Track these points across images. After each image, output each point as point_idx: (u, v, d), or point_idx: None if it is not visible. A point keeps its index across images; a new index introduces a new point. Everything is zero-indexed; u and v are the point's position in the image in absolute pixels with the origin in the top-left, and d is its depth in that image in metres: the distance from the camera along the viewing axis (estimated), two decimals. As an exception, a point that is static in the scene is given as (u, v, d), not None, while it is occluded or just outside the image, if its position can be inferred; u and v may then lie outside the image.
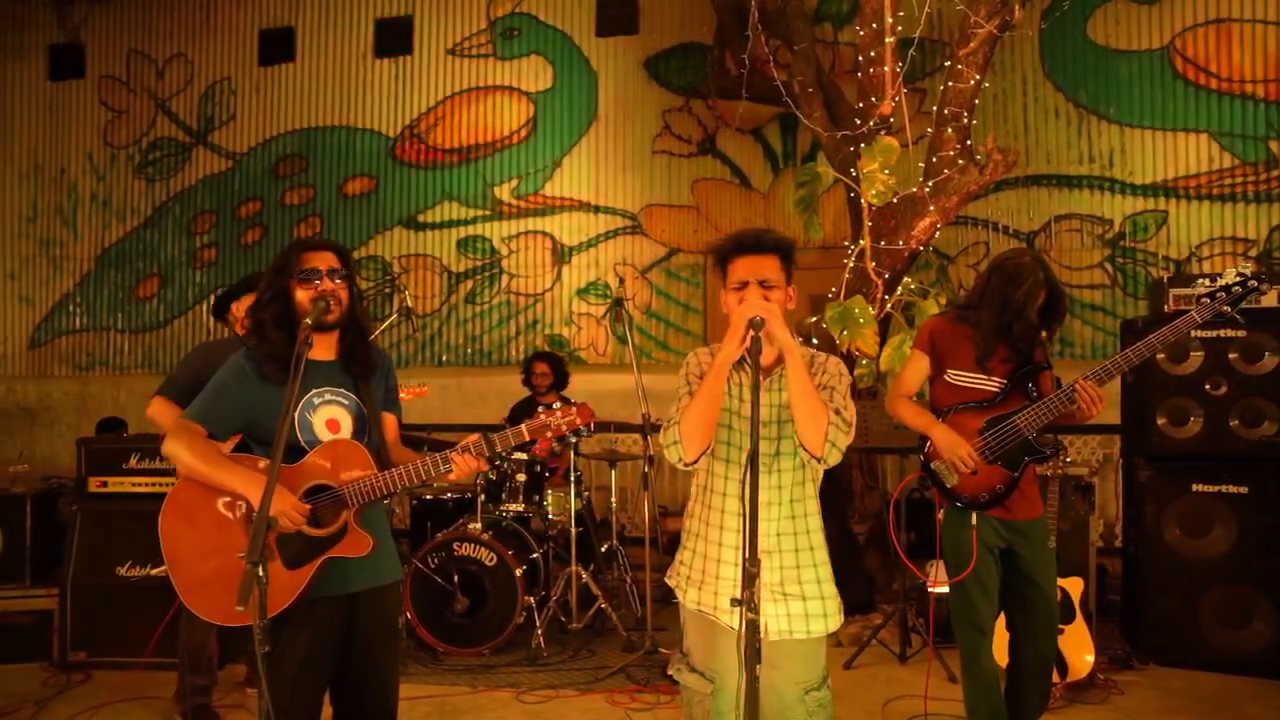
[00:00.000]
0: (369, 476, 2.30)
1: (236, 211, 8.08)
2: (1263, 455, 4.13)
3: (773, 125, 7.16)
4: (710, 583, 2.23)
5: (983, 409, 3.06)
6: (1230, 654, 4.09)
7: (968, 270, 6.71)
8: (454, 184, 7.69)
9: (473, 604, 4.38)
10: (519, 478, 4.71)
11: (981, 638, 3.11)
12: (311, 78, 7.99)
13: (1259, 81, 6.41)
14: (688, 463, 2.16)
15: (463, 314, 7.65)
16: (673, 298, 7.36)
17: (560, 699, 3.89)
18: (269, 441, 2.33)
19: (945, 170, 4.94)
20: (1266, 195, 6.41)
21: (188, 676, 3.57)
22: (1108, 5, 6.60)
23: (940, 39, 6.54)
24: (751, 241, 2.19)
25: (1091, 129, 6.62)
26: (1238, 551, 4.12)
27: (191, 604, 2.26)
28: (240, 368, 2.39)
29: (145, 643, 4.09)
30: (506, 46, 7.65)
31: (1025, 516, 3.06)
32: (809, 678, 2.19)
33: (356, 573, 2.35)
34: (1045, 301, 3.03)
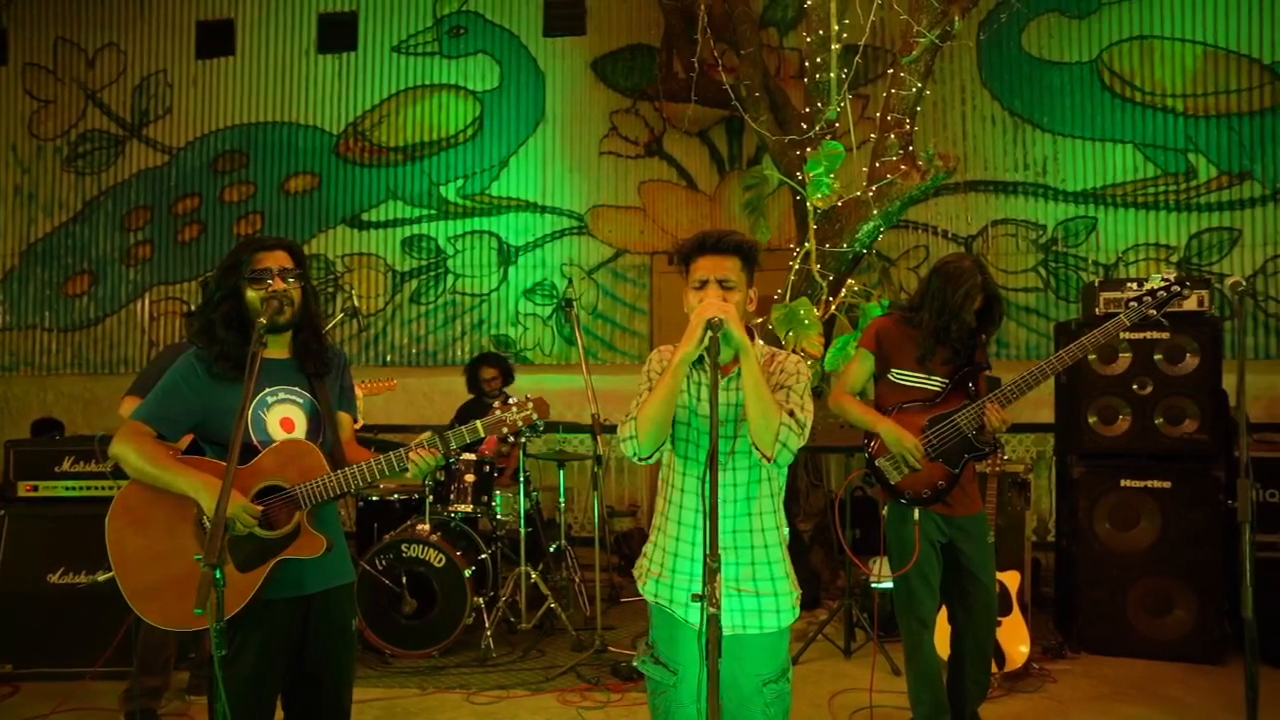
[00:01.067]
0: (322, 477, 2.28)
1: (173, 208, 7.85)
2: (1185, 452, 4.34)
3: (719, 128, 7.23)
4: (668, 576, 2.26)
5: (925, 408, 3.15)
6: (1155, 641, 4.28)
7: (909, 273, 6.88)
8: (399, 183, 7.59)
9: (421, 605, 4.35)
10: (467, 478, 4.69)
11: (924, 630, 3.21)
12: (252, 72, 7.82)
13: (1178, 96, 6.69)
14: (643, 458, 2.18)
15: (407, 314, 7.56)
16: (619, 298, 7.38)
17: (511, 699, 3.88)
18: (221, 442, 2.30)
19: (888, 175, 5.06)
20: (1186, 205, 6.69)
21: (141, 678, 3.49)
22: (1041, 18, 6.83)
23: (883, 46, 6.69)
24: (714, 241, 2.22)
25: (1026, 137, 6.84)
26: (1162, 544, 4.32)
27: (140, 610, 2.21)
28: (191, 367, 2.34)
29: (78, 652, 3.99)
30: (453, 45, 7.59)
31: (966, 512, 3.16)
32: (767, 670, 2.23)
33: (310, 574, 2.33)
34: (983, 305, 3.15)
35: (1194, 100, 6.67)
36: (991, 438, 3.13)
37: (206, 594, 1.75)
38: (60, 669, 3.99)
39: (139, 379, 3.48)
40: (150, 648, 3.51)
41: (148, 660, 3.51)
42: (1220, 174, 6.65)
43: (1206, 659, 4.17)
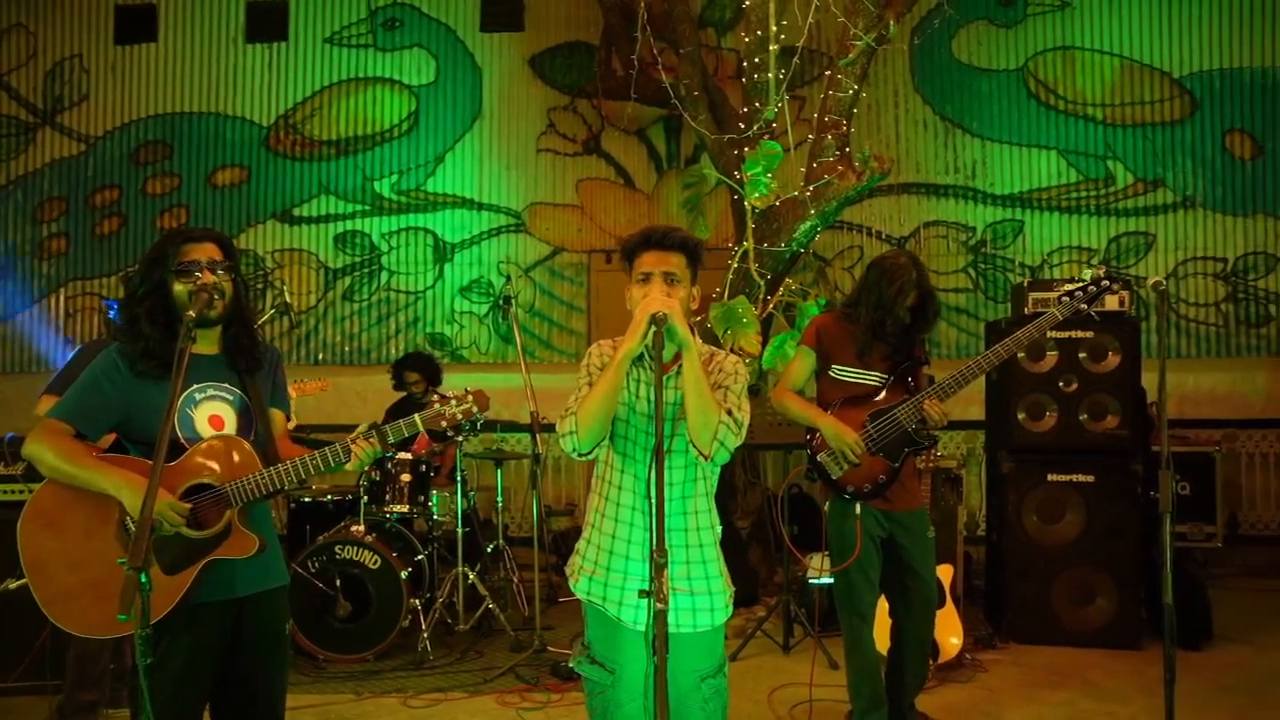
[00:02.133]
0: (254, 473, 2.20)
1: (90, 199, 7.53)
2: (1107, 447, 4.50)
3: (657, 127, 7.24)
4: (601, 574, 2.24)
5: (865, 403, 3.20)
6: (1079, 629, 4.43)
7: (844, 273, 6.99)
8: (331, 177, 7.41)
9: (356, 609, 4.25)
10: (403, 478, 4.60)
11: (863, 623, 3.26)
12: (176, 60, 7.53)
13: (1098, 105, 6.95)
14: (582, 453, 2.16)
15: (340, 311, 7.39)
16: (557, 296, 7.34)
17: (449, 701, 3.82)
18: (145, 441, 2.21)
19: (824, 175, 5.13)
20: (1106, 209, 6.96)
21: (75, 692, 3.33)
22: (970, 26, 7.01)
23: (820, 49, 6.79)
24: (659, 237, 2.21)
25: (956, 141, 7.02)
26: (1085, 536, 4.47)
27: (56, 617, 2.10)
28: (113, 363, 2.24)
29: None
30: (388, 38, 7.44)
31: (905, 508, 3.22)
32: (704, 667, 2.22)
33: (242, 576, 2.24)
34: (917, 301, 3.21)
35: (1112, 110, 6.94)
36: (930, 432, 3.19)
37: (131, 598, 1.67)
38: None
39: (58, 377, 3.34)
40: (85, 659, 3.34)
41: (83, 672, 3.34)
42: (1136, 180, 6.93)
43: (1125, 645, 4.33)
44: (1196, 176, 6.87)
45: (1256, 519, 6.74)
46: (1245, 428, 6.77)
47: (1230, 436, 6.65)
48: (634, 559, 2.20)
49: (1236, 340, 6.86)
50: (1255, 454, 6.77)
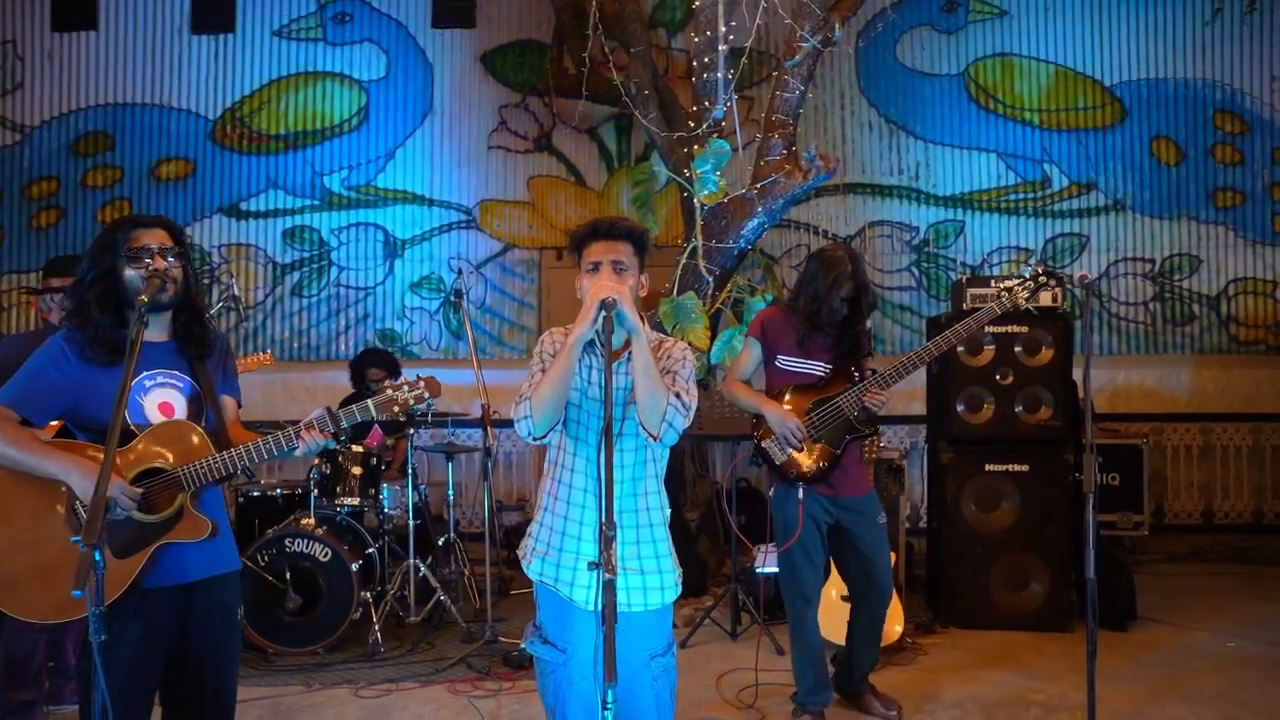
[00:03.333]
0: (206, 458, 2.22)
1: (26, 190, 7.34)
2: (1042, 437, 4.68)
3: (608, 125, 7.31)
4: (554, 555, 2.30)
5: (809, 392, 3.31)
6: (1014, 613, 4.60)
7: (791, 271, 7.13)
8: (280, 172, 7.34)
9: (306, 602, 4.23)
10: (354, 471, 4.59)
11: (807, 606, 3.37)
12: (117, 49, 7.38)
13: (1035, 110, 7.20)
14: (537, 437, 2.21)
15: (289, 307, 7.31)
16: (508, 293, 7.36)
17: (401, 691, 3.84)
18: (94, 428, 2.21)
19: (772, 174, 5.25)
20: (1042, 211, 7.21)
21: (7, 692, 3.27)
22: (914, 31, 7.21)
23: (768, 51, 6.92)
24: (607, 227, 2.29)
25: (900, 143, 7.21)
26: (1020, 523, 4.64)
27: (3, 605, 2.09)
28: (60, 349, 2.23)
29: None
30: (338, 32, 7.39)
31: (851, 493, 3.33)
32: (653, 645, 2.29)
33: (193, 562, 2.25)
34: (852, 293, 3.31)
35: (1048, 115, 7.20)
36: (872, 420, 3.29)
37: (85, 575, 1.68)
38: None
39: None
40: (15, 660, 3.28)
41: (14, 673, 3.28)
42: (1071, 184, 7.19)
43: (1056, 627, 4.51)
44: (1126, 180, 7.16)
45: (1180, 508, 7.05)
46: (1171, 421, 7.08)
47: (1157, 430, 6.95)
48: (586, 540, 2.26)
49: (1163, 338, 7.16)
50: (1180, 446, 7.08)
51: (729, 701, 3.76)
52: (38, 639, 3.34)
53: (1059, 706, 3.63)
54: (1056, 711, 3.60)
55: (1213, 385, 7.11)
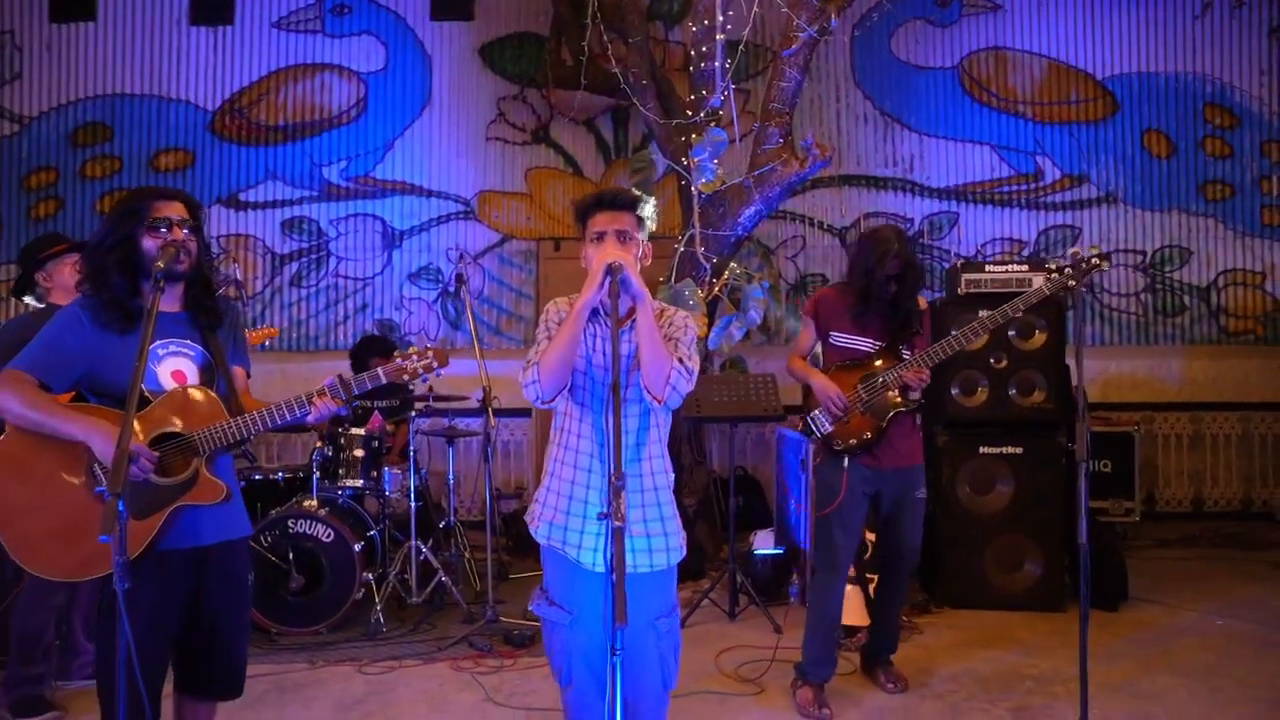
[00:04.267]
0: (220, 423, 2.26)
1: (24, 181, 7.35)
2: (1035, 420, 4.75)
3: (605, 117, 7.35)
4: (561, 518, 2.35)
5: (859, 366, 3.42)
6: (1007, 593, 4.67)
7: (787, 261, 7.20)
8: (279, 163, 7.36)
9: (309, 582, 4.27)
10: (356, 453, 4.64)
11: (833, 572, 3.46)
12: (116, 41, 7.40)
13: (1028, 103, 7.29)
14: (545, 401, 2.27)
15: (287, 297, 7.34)
16: (506, 283, 7.40)
17: (404, 668, 3.89)
18: (109, 393, 2.26)
19: (769, 162, 5.31)
20: (1035, 202, 7.30)
21: (20, 667, 3.31)
22: (908, 24, 7.28)
23: (764, 43, 6.98)
24: (610, 198, 2.35)
25: (895, 135, 7.28)
26: (1014, 505, 4.71)
27: (25, 561, 2.14)
28: (76, 316, 2.28)
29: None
30: (337, 24, 7.42)
31: (894, 465, 3.43)
32: (659, 606, 2.35)
33: (207, 525, 2.31)
34: (900, 270, 3.39)
35: (1041, 108, 7.28)
36: (917, 396, 3.39)
37: (112, 524, 1.73)
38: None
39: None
40: (27, 636, 3.33)
41: (25, 648, 3.34)
42: (1063, 176, 7.28)
43: (1049, 608, 4.58)
44: (1118, 173, 7.24)
45: (1171, 496, 7.14)
46: (1162, 411, 7.17)
47: (1148, 419, 7.04)
48: (592, 503, 2.32)
49: (1154, 329, 7.25)
50: (1170, 435, 7.17)
51: (728, 675, 3.82)
52: (49, 615, 3.39)
53: (1052, 679, 3.70)
54: (1050, 684, 3.66)
55: (1203, 375, 7.21)
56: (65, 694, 3.53)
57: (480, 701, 3.53)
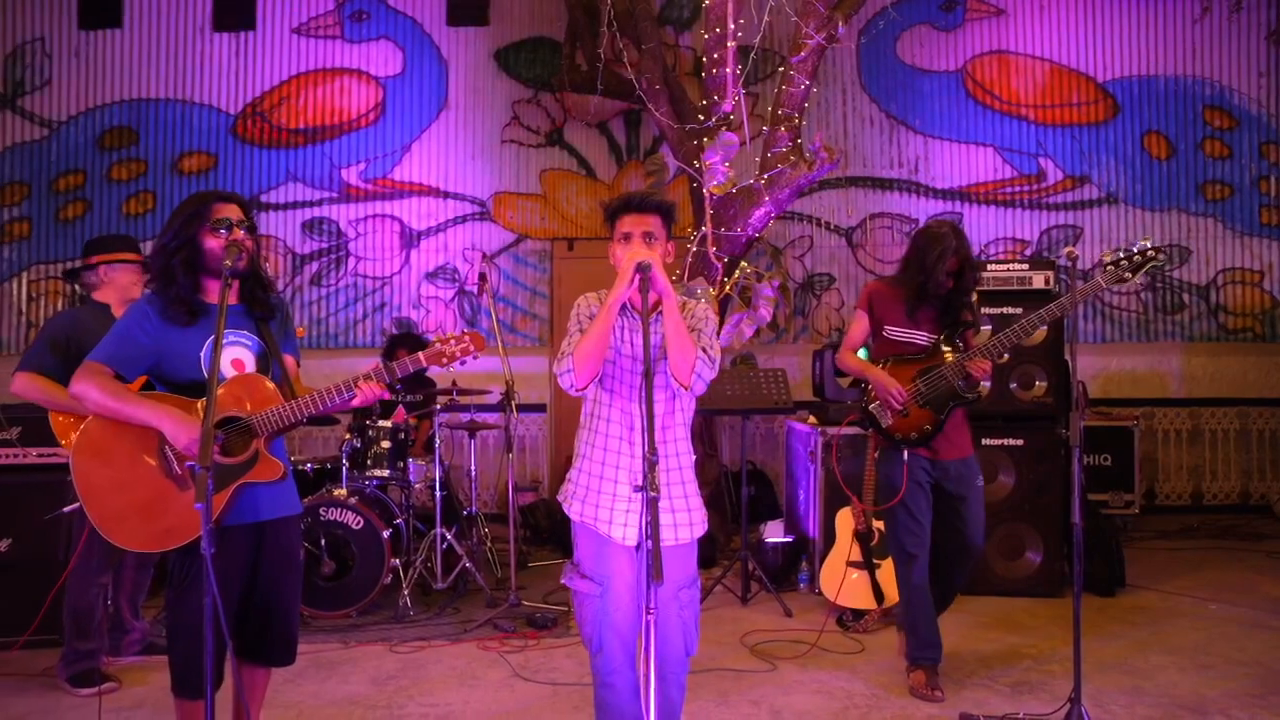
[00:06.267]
0: (276, 406, 2.45)
1: (53, 183, 7.57)
2: (1035, 413, 4.93)
3: (617, 120, 7.54)
4: (593, 498, 2.54)
5: (915, 360, 3.53)
6: (1010, 580, 4.85)
7: (795, 261, 7.38)
8: (299, 165, 7.57)
9: (339, 567, 4.47)
10: (382, 444, 4.83)
11: (911, 560, 3.57)
12: (141, 47, 7.61)
13: (1030, 106, 7.46)
14: (579, 388, 2.46)
15: (308, 296, 7.55)
16: (520, 283, 7.59)
17: (433, 648, 4.08)
18: (175, 382, 2.46)
19: (779, 165, 5.49)
20: (1038, 203, 7.47)
21: (74, 642, 3.52)
22: (913, 29, 7.46)
23: (774, 49, 7.17)
24: (637, 201, 2.54)
25: (901, 138, 7.46)
26: (1015, 495, 4.88)
27: (110, 534, 2.34)
28: (144, 312, 2.48)
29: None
30: (355, 29, 7.63)
31: (949, 457, 3.55)
32: (681, 577, 2.55)
33: (265, 503, 2.50)
34: (956, 267, 3.49)
35: (1043, 110, 7.45)
36: (976, 388, 3.50)
37: (204, 491, 1.92)
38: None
39: (30, 351, 3.46)
40: (79, 613, 3.54)
41: (79, 625, 3.55)
42: (1065, 177, 7.45)
43: (1049, 594, 4.76)
44: (1119, 174, 7.41)
45: (1170, 490, 7.31)
46: (1161, 406, 7.33)
47: (1148, 415, 7.21)
48: (621, 483, 2.51)
49: (1154, 326, 7.42)
50: (1170, 430, 7.34)
51: (743, 654, 4.00)
52: (98, 593, 3.59)
53: (1050, 659, 3.88)
54: (1048, 663, 3.85)
55: (1202, 371, 7.38)
56: (116, 668, 3.75)
57: (508, 677, 3.72)
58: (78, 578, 3.53)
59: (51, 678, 3.63)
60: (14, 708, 3.45)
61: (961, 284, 3.51)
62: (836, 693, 3.57)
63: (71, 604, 3.55)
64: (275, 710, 3.33)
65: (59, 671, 3.59)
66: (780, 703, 3.47)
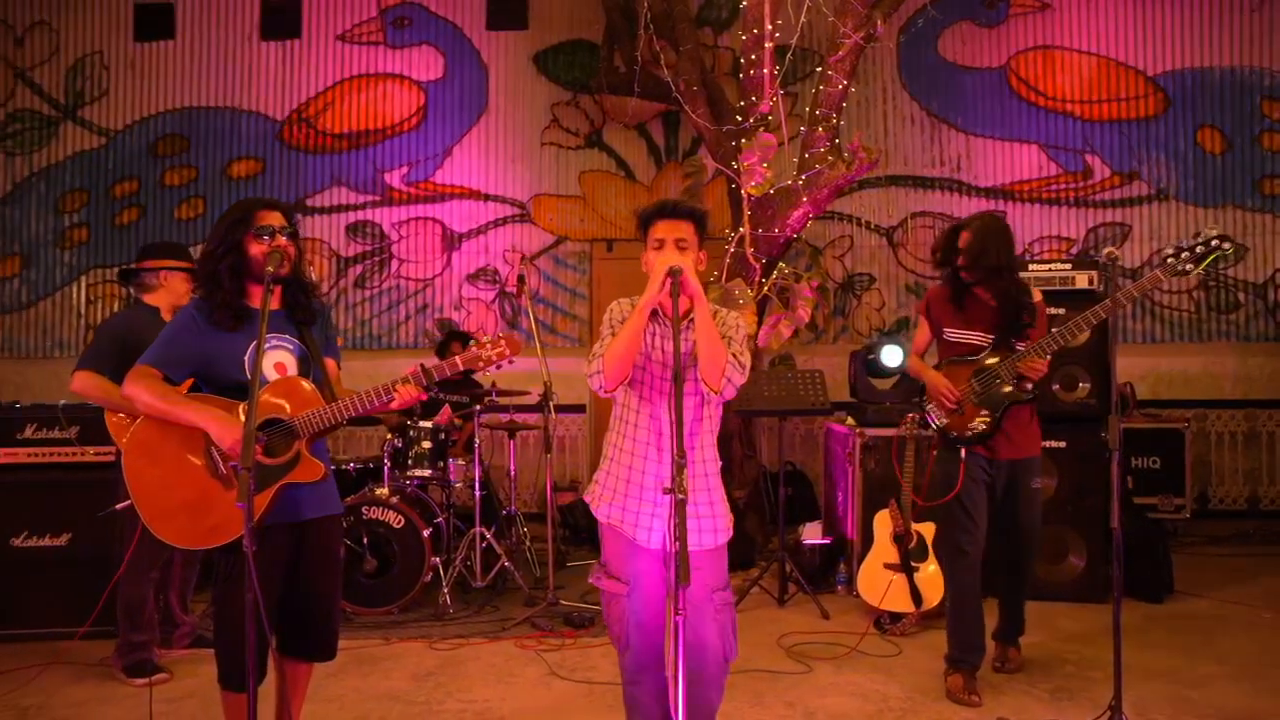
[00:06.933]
0: (318, 408, 2.52)
1: (110, 190, 7.82)
2: (1079, 414, 4.84)
3: (656, 122, 7.57)
4: (619, 500, 2.56)
5: (971, 361, 3.57)
6: (1051, 584, 4.76)
7: (834, 261, 7.33)
8: (343, 169, 7.72)
9: (381, 565, 4.56)
10: (424, 445, 4.91)
11: (960, 556, 3.60)
12: (193, 57, 7.83)
13: (1076, 102, 7.32)
14: (608, 390, 2.49)
15: (352, 298, 7.69)
16: (560, 284, 7.65)
17: (471, 645, 4.14)
18: (221, 384, 2.53)
19: (816, 165, 5.47)
20: (1084, 200, 7.33)
21: (127, 634, 3.66)
22: (955, 26, 7.37)
23: (811, 48, 7.13)
24: (671, 208, 2.56)
25: (942, 136, 7.38)
26: (1058, 497, 4.80)
27: (159, 531, 2.42)
28: (191, 317, 2.56)
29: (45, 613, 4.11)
30: (398, 35, 7.75)
31: (1007, 456, 3.57)
32: (714, 581, 2.56)
33: (306, 502, 2.56)
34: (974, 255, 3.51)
35: (1090, 106, 7.31)
36: (1031, 387, 3.52)
37: (246, 491, 1.99)
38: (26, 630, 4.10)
39: (89, 352, 3.59)
40: (132, 606, 3.68)
41: (131, 618, 3.69)
42: (1113, 174, 7.29)
43: (1092, 599, 4.67)
44: (1169, 170, 7.24)
45: (1225, 494, 7.12)
46: (1215, 408, 7.15)
47: (1201, 416, 7.03)
48: (648, 486, 2.53)
49: (1208, 326, 7.23)
50: (1225, 433, 7.14)
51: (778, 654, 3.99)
52: (149, 587, 3.71)
53: (1092, 665, 3.81)
54: (1089, 669, 3.78)
55: (1258, 372, 7.17)
56: (168, 659, 3.87)
57: (544, 675, 3.77)
58: (130, 573, 3.66)
59: (108, 667, 3.77)
60: (74, 694, 3.60)
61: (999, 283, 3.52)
62: (872, 695, 3.55)
63: (125, 598, 3.68)
64: (318, 704, 3.41)
65: (114, 661, 3.72)
66: (815, 705, 3.46)
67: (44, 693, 3.60)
